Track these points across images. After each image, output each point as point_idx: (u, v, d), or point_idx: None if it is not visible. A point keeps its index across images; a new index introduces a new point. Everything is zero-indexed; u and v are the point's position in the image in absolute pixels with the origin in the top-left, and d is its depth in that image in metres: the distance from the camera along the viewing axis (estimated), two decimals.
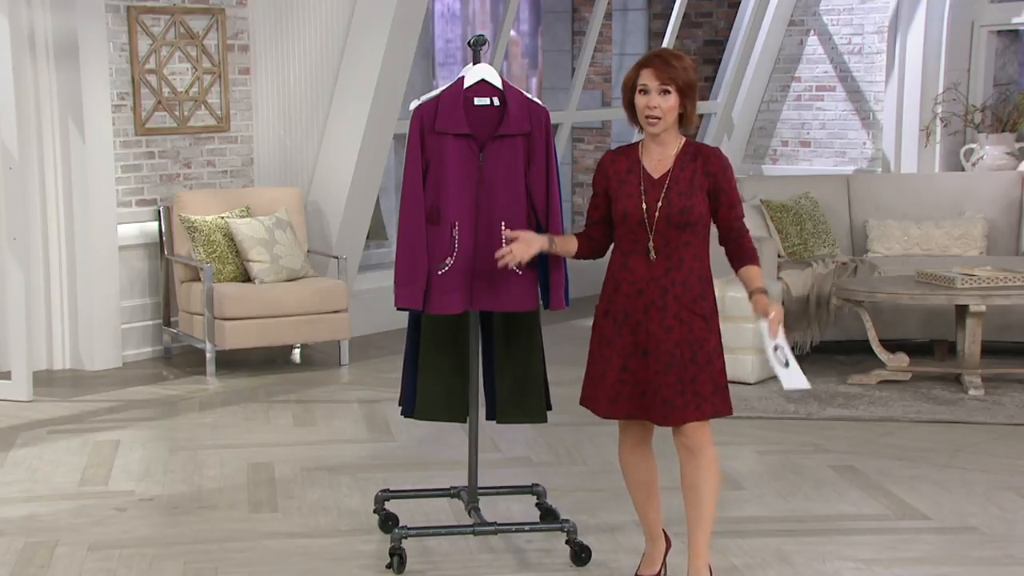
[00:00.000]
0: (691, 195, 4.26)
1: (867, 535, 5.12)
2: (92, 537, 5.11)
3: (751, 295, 4.34)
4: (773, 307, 4.28)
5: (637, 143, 4.41)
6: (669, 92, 4.23)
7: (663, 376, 4.25)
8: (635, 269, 4.31)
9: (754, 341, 7.41)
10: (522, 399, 4.89)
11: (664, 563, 4.59)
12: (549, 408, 4.95)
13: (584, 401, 4.47)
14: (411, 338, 4.90)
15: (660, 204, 4.26)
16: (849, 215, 8.95)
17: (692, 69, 4.28)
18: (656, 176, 4.30)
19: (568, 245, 4.52)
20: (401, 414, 4.98)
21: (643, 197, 4.28)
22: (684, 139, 4.35)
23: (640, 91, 4.26)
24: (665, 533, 4.62)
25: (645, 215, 4.27)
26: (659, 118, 4.23)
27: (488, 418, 4.96)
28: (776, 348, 4.27)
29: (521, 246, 4.46)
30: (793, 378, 4.27)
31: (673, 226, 4.26)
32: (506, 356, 4.87)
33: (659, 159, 4.32)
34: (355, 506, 5.47)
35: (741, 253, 4.37)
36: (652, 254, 4.28)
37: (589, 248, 4.51)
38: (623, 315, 4.33)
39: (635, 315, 4.31)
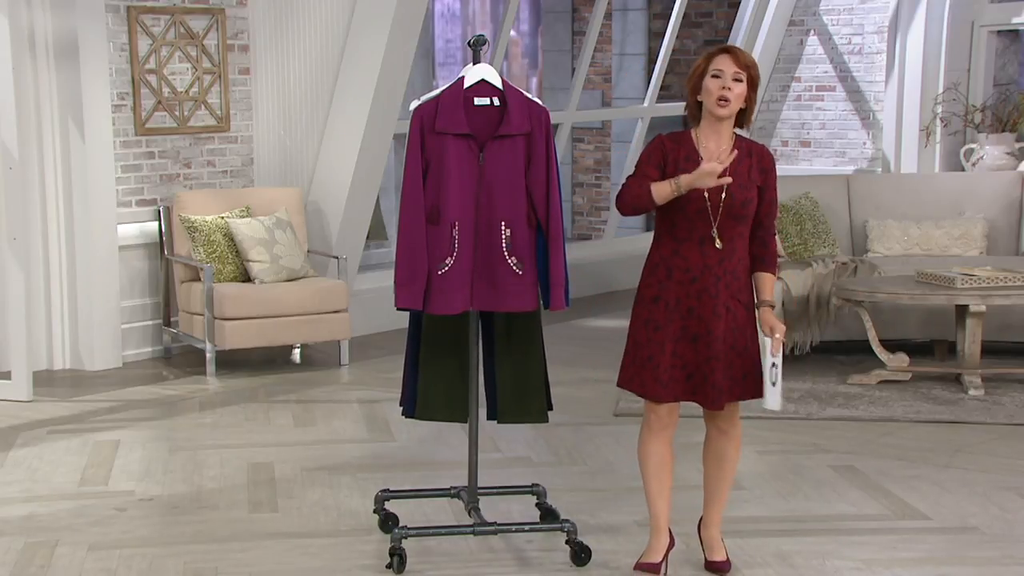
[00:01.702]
0: (749, 188, 4.41)
1: (867, 535, 5.12)
2: (92, 537, 5.11)
3: (759, 306, 4.51)
4: (779, 326, 4.45)
5: (688, 132, 4.50)
6: (741, 81, 4.38)
7: (715, 362, 4.40)
8: (688, 256, 4.42)
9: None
10: (523, 399, 4.90)
11: (666, 560, 4.60)
12: (550, 408, 4.95)
13: (625, 383, 4.54)
14: (412, 338, 4.90)
15: (724, 195, 4.37)
16: (849, 215, 8.95)
17: (758, 71, 4.46)
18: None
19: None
20: (402, 414, 4.98)
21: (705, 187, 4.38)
22: (735, 135, 4.48)
23: (713, 75, 4.38)
24: (670, 532, 4.63)
25: (708, 204, 4.36)
26: (729, 100, 4.37)
27: (489, 418, 4.96)
28: (773, 365, 4.44)
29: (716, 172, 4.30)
30: (774, 398, 4.49)
31: (732, 217, 4.39)
32: (507, 356, 4.88)
33: (714, 151, 4.44)
34: (355, 506, 5.47)
35: (764, 254, 4.49)
36: (718, 243, 4.39)
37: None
38: (675, 301, 4.44)
39: (687, 302, 4.42)
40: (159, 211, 8.33)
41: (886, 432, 6.63)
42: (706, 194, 4.37)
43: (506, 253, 4.66)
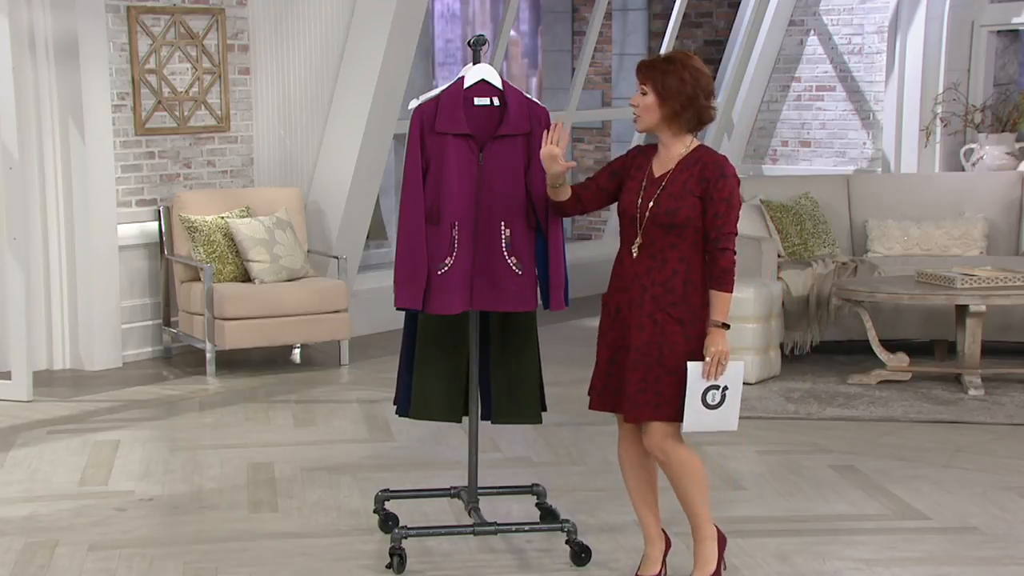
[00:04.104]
0: (681, 197, 4.28)
1: (867, 535, 5.12)
2: (92, 537, 5.11)
3: (708, 325, 4.29)
4: (717, 350, 4.24)
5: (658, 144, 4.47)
6: (645, 94, 4.32)
7: (630, 372, 4.32)
8: (625, 264, 4.41)
9: (753, 341, 7.41)
10: (517, 399, 4.89)
11: (664, 563, 4.59)
12: (544, 409, 4.95)
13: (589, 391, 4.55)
14: (407, 337, 4.90)
15: (651, 204, 4.31)
16: (849, 215, 8.95)
17: (681, 73, 4.26)
18: (657, 175, 4.36)
19: (564, 192, 4.53)
20: (396, 413, 4.98)
21: (640, 195, 4.35)
22: (696, 144, 4.37)
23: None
24: (665, 533, 4.62)
25: (638, 212, 4.33)
26: (637, 116, 4.35)
27: (483, 418, 4.96)
28: (715, 388, 4.24)
29: (554, 155, 4.43)
30: (711, 419, 4.28)
31: (658, 226, 4.31)
32: (502, 356, 4.88)
33: (664, 160, 4.39)
34: (355, 506, 5.47)
35: (712, 271, 4.29)
36: (635, 251, 4.34)
37: (572, 202, 4.55)
38: (615, 309, 4.42)
39: (623, 310, 4.40)
40: (159, 211, 8.33)
41: (886, 432, 6.63)
42: (639, 202, 4.33)
43: (506, 253, 4.66)
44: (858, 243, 8.92)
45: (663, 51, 11.37)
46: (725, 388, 4.28)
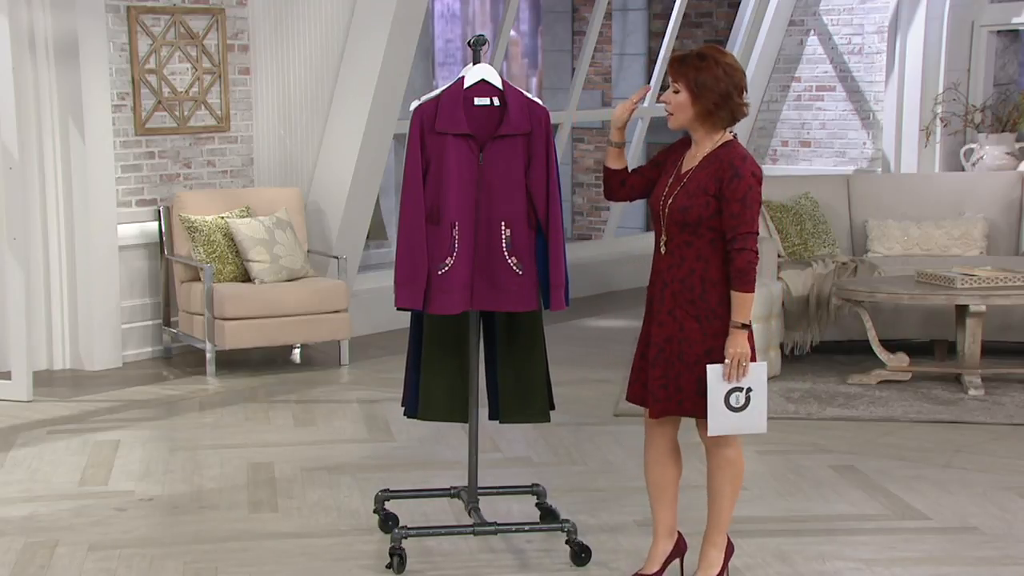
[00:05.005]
0: (695, 196, 4.25)
1: (867, 535, 5.12)
2: (92, 537, 5.11)
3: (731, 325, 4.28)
4: (736, 352, 4.22)
5: None
6: (678, 91, 4.28)
7: (651, 368, 4.35)
8: (655, 261, 4.41)
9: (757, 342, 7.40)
10: (524, 399, 4.89)
11: (682, 565, 4.58)
12: (552, 407, 4.95)
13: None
14: (413, 338, 4.90)
15: (670, 201, 4.31)
16: (849, 215, 8.95)
17: (715, 70, 4.22)
18: (682, 172, 4.35)
19: (620, 160, 4.55)
20: (404, 415, 4.97)
21: (665, 190, 4.34)
22: (725, 140, 4.30)
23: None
24: (681, 536, 4.60)
25: (660, 208, 4.34)
26: (671, 113, 4.32)
27: (491, 418, 4.96)
28: (738, 390, 4.22)
29: (625, 107, 4.54)
30: (733, 422, 4.25)
31: (673, 223, 4.30)
32: (508, 355, 4.88)
33: (693, 156, 4.36)
34: (355, 506, 5.48)
35: (730, 271, 4.25)
36: (663, 248, 4.34)
37: (619, 179, 4.53)
38: (649, 304, 4.43)
39: (652, 305, 4.40)
40: (159, 211, 8.33)
41: (886, 432, 6.64)
42: (662, 198, 4.33)
43: (506, 253, 4.66)
44: (858, 243, 8.92)
45: (663, 51, 11.38)
46: (749, 390, 4.25)
